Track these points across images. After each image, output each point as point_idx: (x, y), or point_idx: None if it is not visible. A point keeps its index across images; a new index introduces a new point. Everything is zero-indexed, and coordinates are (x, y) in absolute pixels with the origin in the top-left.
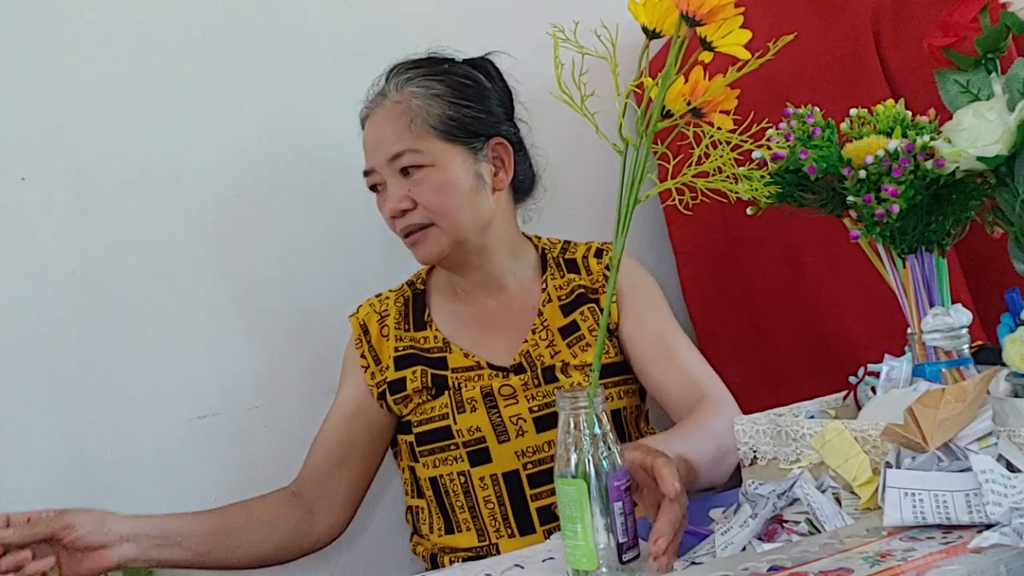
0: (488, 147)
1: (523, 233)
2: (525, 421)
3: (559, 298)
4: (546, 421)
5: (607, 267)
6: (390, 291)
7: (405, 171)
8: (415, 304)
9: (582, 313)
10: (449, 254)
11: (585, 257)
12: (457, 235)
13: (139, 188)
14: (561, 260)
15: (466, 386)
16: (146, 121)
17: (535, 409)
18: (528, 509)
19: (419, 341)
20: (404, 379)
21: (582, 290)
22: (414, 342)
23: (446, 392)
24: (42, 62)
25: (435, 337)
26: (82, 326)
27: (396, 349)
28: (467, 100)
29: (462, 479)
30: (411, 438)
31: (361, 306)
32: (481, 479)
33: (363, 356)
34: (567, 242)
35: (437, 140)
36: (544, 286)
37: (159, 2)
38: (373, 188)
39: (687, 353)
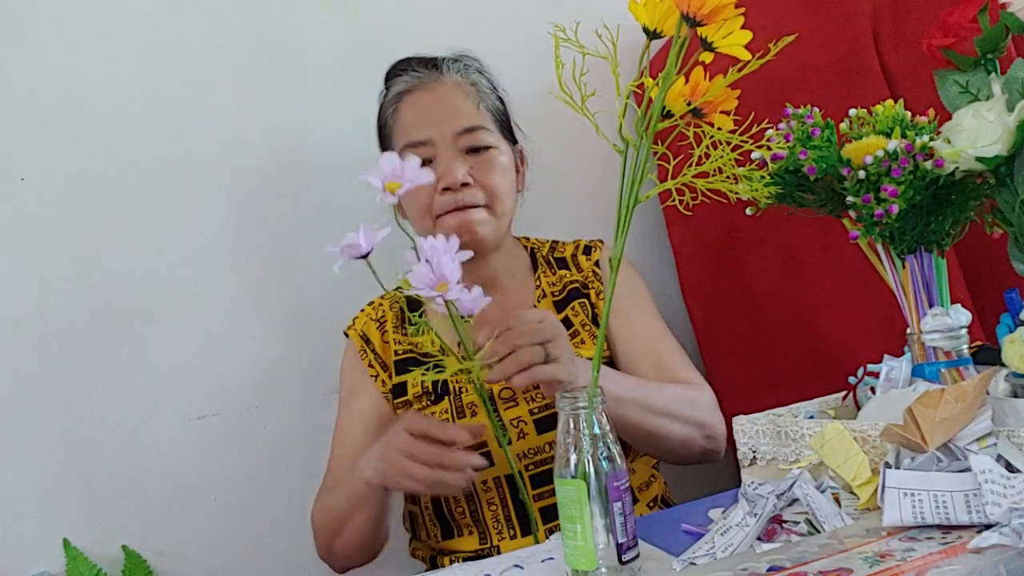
0: (515, 149)
1: (512, 235)
2: (526, 423)
3: (552, 294)
4: (546, 423)
5: (596, 263)
6: (381, 298)
7: (468, 149)
8: (411, 308)
9: (573, 308)
10: (492, 240)
11: (574, 255)
12: (501, 221)
13: (139, 188)
14: (551, 258)
15: (466, 391)
16: (146, 121)
17: (535, 411)
18: (531, 508)
19: (416, 345)
20: (405, 384)
21: (575, 285)
22: (412, 346)
23: (447, 397)
24: (42, 62)
25: (432, 342)
26: (82, 326)
27: (396, 353)
28: (504, 102)
29: None
30: None
31: (356, 318)
32: (484, 482)
33: (370, 365)
34: (555, 241)
35: (495, 127)
36: (538, 283)
37: (159, 2)
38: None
39: (673, 355)
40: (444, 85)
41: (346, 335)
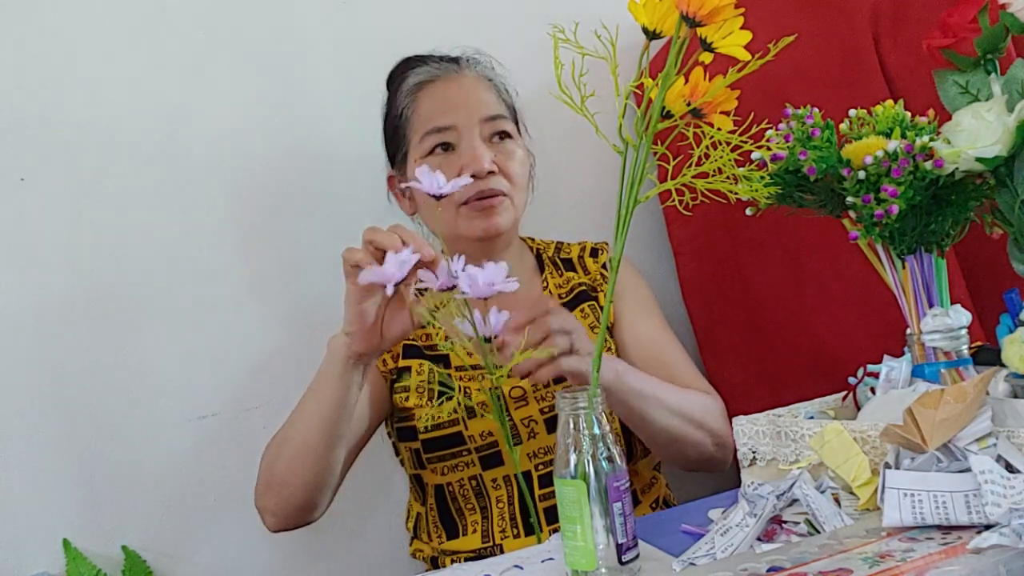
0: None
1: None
2: (536, 423)
3: (560, 296)
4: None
5: (604, 266)
6: None
7: (493, 137)
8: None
9: (582, 311)
10: (510, 231)
11: (581, 257)
12: (517, 212)
13: (138, 189)
14: (557, 260)
15: (470, 391)
16: (146, 121)
17: (546, 410)
18: (536, 509)
19: (421, 338)
20: (410, 368)
21: (582, 288)
22: (416, 338)
23: (454, 397)
24: (42, 62)
25: (437, 334)
26: (81, 326)
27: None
28: (515, 107)
29: (473, 483)
30: (417, 445)
31: None
32: (494, 480)
33: None
34: (560, 242)
35: (512, 119)
36: (545, 284)
37: (159, 2)
38: (440, 148)
39: (683, 363)
40: (466, 77)
41: None
